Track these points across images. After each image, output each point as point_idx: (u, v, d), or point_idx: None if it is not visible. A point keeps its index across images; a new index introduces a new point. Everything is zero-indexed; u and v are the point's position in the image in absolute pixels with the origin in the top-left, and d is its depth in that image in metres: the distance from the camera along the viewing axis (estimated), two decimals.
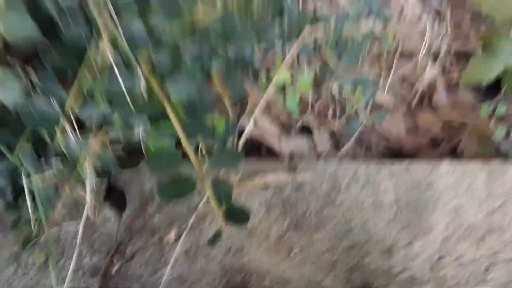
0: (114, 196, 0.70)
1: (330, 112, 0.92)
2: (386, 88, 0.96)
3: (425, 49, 1.02)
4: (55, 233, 0.66)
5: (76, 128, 0.47)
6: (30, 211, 0.55)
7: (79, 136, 0.45)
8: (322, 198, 0.73)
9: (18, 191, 0.55)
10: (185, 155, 0.46)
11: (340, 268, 0.69)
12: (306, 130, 0.92)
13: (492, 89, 0.96)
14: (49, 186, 0.54)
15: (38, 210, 0.57)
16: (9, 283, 0.63)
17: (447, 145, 0.99)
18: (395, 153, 0.96)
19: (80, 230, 0.53)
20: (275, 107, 0.92)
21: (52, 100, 0.42)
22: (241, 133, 0.72)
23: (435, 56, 1.04)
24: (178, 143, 0.44)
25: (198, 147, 0.45)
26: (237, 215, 0.34)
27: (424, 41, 1.02)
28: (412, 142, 0.99)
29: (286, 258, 0.69)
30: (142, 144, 0.52)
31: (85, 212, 0.52)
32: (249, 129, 0.89)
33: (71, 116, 0.46)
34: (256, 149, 0.91)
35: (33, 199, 0.57)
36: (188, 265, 0.67)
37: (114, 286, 0.64)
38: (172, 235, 0.68)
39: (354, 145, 0.92)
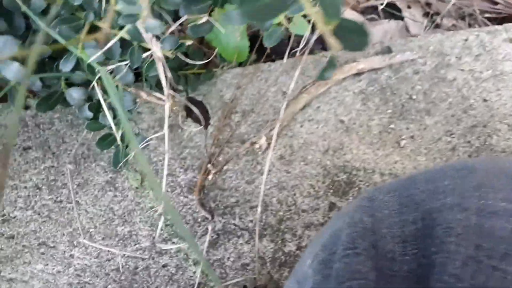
0: (195, 110, 0.65)
1: None
2: None
3: None
4: (146, 153, 0.63)
5: None
6: (113, 127, 0.52)
7: None
8: (429, 77, 0.62)
9: (96, 107, 0.51)
10: None
11: (463, 151, 0.59)
12: (394, 10, 0.78)
13: None
14: (126, 94, 0.50)
15: (121, 123, 0.53)
16: (109, 208, 0.62)
17: None
18: (506, 21, 0.80)
19: (166, 133, 0.49)
20: None
21: None
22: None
23: None
24: None
25: None
26: (352, 32, 0.25)
27: None
28: None
29: (395, 149, 0.60)
30: None
31: (166, 109, 0.47)
32: None
33: None
34: None
35: (114, 116, 0.53)
36: (285, 171, 0.62)
37: (213, 199, 0.61)
38: (263, 142, 0.62)
39: (455, 19, 0.77)
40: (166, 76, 0.44)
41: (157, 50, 0.40)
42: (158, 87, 0.60)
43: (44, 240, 0.62)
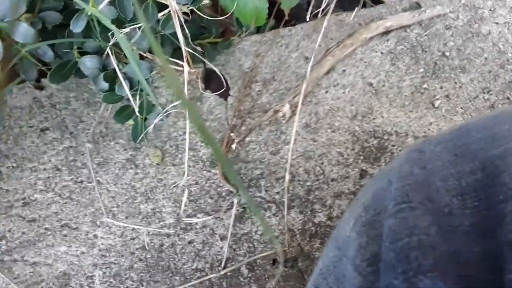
0: (214, 81, 0.62)
1: None
2: None
3: None
4: (165, 129, 0.61)
5: None
6: (130, 98, 0.50)
7: None
8: (462, 32, 0.58)
9: (111, 77, 0.49)
10: None
11: None
12: None
13: None
14: (141, 62, 0.47)
15: (139, 94, 0.51)
16: (131, 186, 0.60)
17: None
18: None
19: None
20: None
21: None
22: None
23: None
24: None
25: None
26: None
27: None
28: None
29: (429, 110, 0.57)
30: None
31: (185, 75, 0.44)
32: None
33: None
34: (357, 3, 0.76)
35: (131, 86, 0.51)
36: (311, 139, 0.59)
37: (237, 172, 0.58)
38: (286, 109, 0.59)
39: None
40: (184, 35, 0.41)
41: (173, 2, 0.37)
42: (174, 57, 0.58)
43: (67, 222, 0.61)
